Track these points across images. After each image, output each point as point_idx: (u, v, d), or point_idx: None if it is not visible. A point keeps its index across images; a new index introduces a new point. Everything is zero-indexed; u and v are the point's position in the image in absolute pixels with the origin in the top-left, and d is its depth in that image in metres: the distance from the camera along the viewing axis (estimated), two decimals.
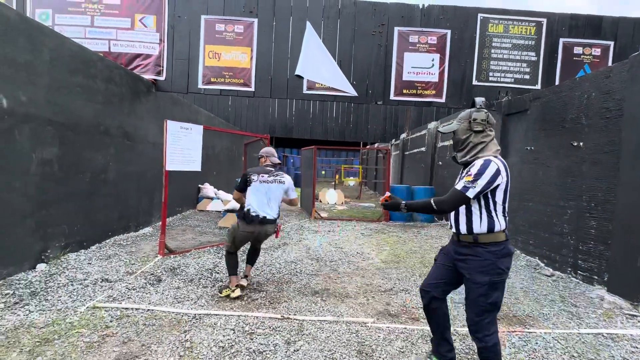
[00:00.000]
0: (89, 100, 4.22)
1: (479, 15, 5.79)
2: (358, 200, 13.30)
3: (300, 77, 5.81)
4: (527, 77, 5.87)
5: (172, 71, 5.81)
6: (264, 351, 2.26)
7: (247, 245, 3.52)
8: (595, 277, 3.73)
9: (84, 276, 3.41)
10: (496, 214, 1.85)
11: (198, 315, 2.72)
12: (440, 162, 8.56)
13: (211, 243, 5.02)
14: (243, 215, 3.14)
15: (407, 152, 11.79)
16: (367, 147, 17.43)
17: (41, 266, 3.50)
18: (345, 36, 5.81)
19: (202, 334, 2.43)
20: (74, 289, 3.07)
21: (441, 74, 5.84)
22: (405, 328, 2.68)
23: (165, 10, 5.76)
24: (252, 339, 2.40)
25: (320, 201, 11.76)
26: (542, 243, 4.59)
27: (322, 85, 5.86)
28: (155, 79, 5.83)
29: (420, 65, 5.83)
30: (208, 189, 8.43)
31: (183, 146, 4.41)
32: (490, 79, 5.88)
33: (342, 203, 11.66)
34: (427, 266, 4.37)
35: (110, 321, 2.54)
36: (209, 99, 12.80)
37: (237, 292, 3.06)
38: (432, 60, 5.82)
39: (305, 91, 5.88)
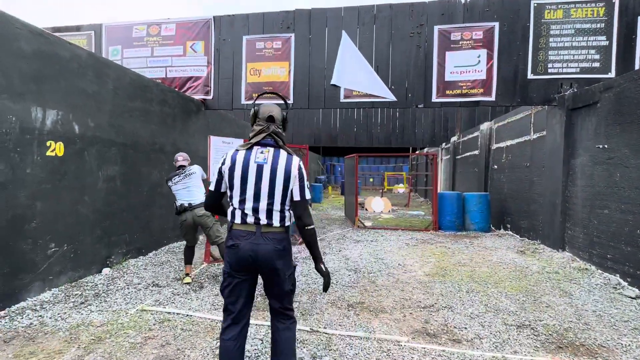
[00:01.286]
0: (146, 122, 4.73)
1: (532, 2, 5.23)
2: (406, 208, 12.75)
3: (336, 87, 5.82)
4: (596, 64, 5.11)
5: (219, 90, 6.26)
6: None
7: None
8: None
9: (139, 280, 3.77)
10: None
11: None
12: (495, 166, 7.82)
13: None
14: (176, 212, 3.78)
15: (458, 156, 11.03)
16: (416, 152, 16.73)
17: (106, 270, 3.96)
18: (382, 41, 5.69)
19: None
20: (129, 292, 3.41)
21: (489, 70, 5.37)
22: (443, 350, 2.44)
23: (212, 36, 6.26)
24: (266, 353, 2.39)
25: (366, 209, 11.53)
26: (624, 258, 3.87)
27: (359, 92, 5.80)
28: (204, 99, 6.33)
29: (464, 63, 5.44)
30: None
31: None
32: (550, 70, 5.24)
33: (389, 211, 11.28)
34: (476, 281, 3.97)
35: (154, 324, 2.74)
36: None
37: (188, 279, 3.75)
38: (478, 56, 5.40)
39: (342, 100, 5.87)
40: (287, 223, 1.77)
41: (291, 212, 1.78)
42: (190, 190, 3.73)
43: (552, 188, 5.30)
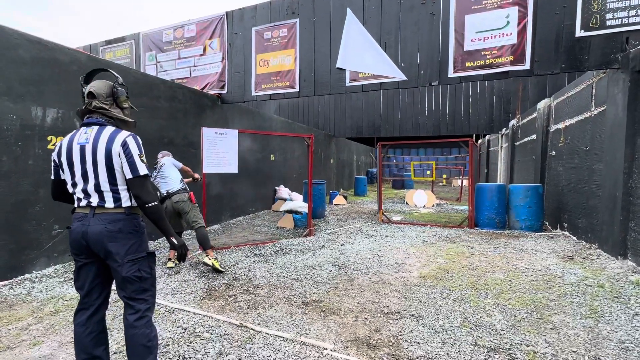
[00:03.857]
0: (153, 117, 5.09)
1: None
2: (457, 202, 11.45)
3: (341, 70, 5.43)
4: None
5: (232, 84, 6.42)
6: (189, 357, 2.13)
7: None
8: None
9: None
10: None
11: (170, 308, 2.82)
12: (553, 152, 6.41)
13: (254, 241, 5.23)
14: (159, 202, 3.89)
15: (517, 143, 9.41)
16: (461, 139, 14.91)
17: None
18: (390, 13, 5.09)
19: (161, 327, 2.50)
20: None
21: (522, 32, 4.36)
22: None
23: (225, 31, 6.44)
24: (190, 342, 2.30)
25: (407, 203, 10.70)
26: None
27: (366, 74, 5.31)
28: (219, 93, 6.58)
29: (488, 27, 4.52)
30: (282, 191, 8.89)
31: (219, 150, 4.77)
32: (609, 23, 4.00)
33: (433, 205, 10.27)
34: (476, 289, 3.28)
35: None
36: (293, 106, 13.64)
37: (170, 264, 3.92)
38: (507, 17, 4.42)
39: (348, 84, 5.45)
40: (126, 203, 1.66)
41: (129, 191, 1.66)
42: (166, 179, 3.95)
43: (612, 177, 4.08)
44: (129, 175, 1.63)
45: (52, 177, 1.75)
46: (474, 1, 4.58)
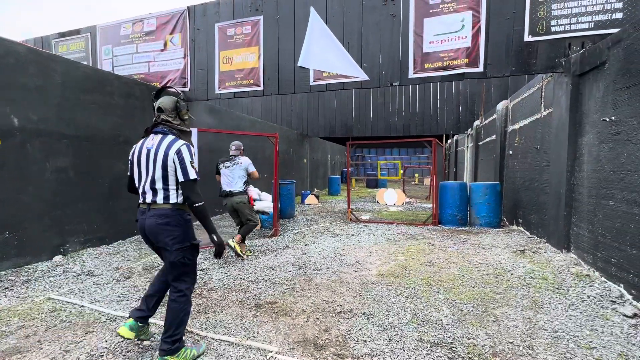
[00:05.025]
0: (106, 115, 4.83)
1: None
2: (427, 200, 11.77)
3: (305, 69, 5.40)
4: (618, 15, 3.99)
5: (195, 81, 6.22)
6: None
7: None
8: None
9: (79, 268, 3.85)
10: None
11: (112, 316, 2.67)
12: (510, 151, 6.72)
13: (209, 244, 5.09)
14: (219, 194, 4.56)
15: (480, 143, 9.80)
16: (425, 139, 15.41)
17: (57, 258, 4.12)
18: (352, 13, 5.12)
19: (98, 336, 2.35)
20: (57, 280, 3.48)
21: (475, 35, 4.52)
22: None
23: (187, 26, 6.23)
24: (128, 351, 2.18)
25: (378, 202, 10.87)
26: (628, 263, 2.96)
27: (329, 73, 5.31)
28: (182, 91, 6.35)
29: (445, 30, 4.65)
30: (252, 191, 8.72)
31: None
32: (554, 29, 4.23)
33: (403, 204, 10.49)
34: (430, 284, 3.36)
35: (42, 313, 2.72)
36: (266, 105, 13.48)
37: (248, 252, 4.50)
38: (462, 20, 4.57)
39: (312, 82, 5.43)
40: (173, 200, 1.98)
41: (179, 190, 1.99)
42: (232, 178, 4.46)
43: (557, 175, 4.32)
44: (181, 179, 1.95)
45: (128, 173, 2.14)
46: (431, 5, 4.70)
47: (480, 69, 4.52)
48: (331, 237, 5.67)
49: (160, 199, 1.96)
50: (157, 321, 2.57)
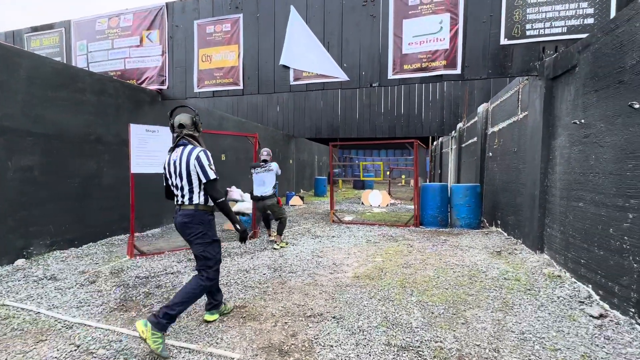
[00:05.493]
0: (77, 112, 4.65)
1: None
2: (412, 201, 11.83)
3: (286, 68, 5.34)
4: (589, 20, 4.07)
5: (173, 79, 6.07)
6: None
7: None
8: None
9: (42, 273, 3.67)
10: None
11: (69, 323, 2.54)
12: (490, 154, 6.80)
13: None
14: (251, 197, 5.31)
15: (463, 145, 9.92)
16: (409, 140, 15.54)
17: (20, 261, 3.93)
18: (332, 13, 5.08)
19: (50, 345, 2.22)
20: (15, 285, 3.30)
21: (453, 38, 4.54)
22: None
23: (165, 23, 6.08)
24: None
25: (363, 203, 10.87)
26: (596, 264, 3.00)
27: (310, 73, 5.26)
28: (160, 89, 6.19)
29: (423, 32, 4.66)
30: (234, 192, 8.58)
31: (150, 149, 4.46)
32: (529, 33, 4.29)
33: (388, 205, 10.52)
34: (404, 287, 3.33)
35: None
36: (251, 105, 13.35)
37: (280, 243, 4.95)
38: (440, 22, 4.59)
39: (292, 82, 5.37)
40: (196, 201, 2.35)
41: (200, 192, 2.35)
42: (264, 183, 4.93)
43: (532, 177, 4.38)
44: (203, 180, 2.32)
45: (164, 183, 2.52)
46: (411, 6, 4.71)
47: (458, 71, 4.54)
48: (311, 238, 5.61)
49: (186, 200, 2.35)
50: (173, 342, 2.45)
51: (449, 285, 3.36)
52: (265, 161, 5.05)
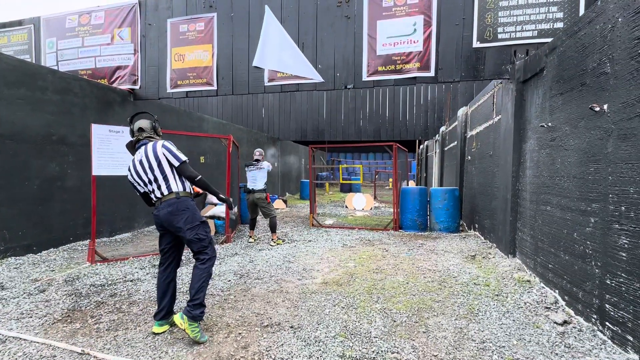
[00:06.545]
0: (35, 111, 4.43)
1: None
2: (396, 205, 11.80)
3: (259, 69, 5.22)
4: (559, 25, 4.09)
5: (146, 79, 5.89)
6: None
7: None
8: (630, 338, 2.11)
9: None
10: None
11: (5, 337, 2.35)
12: (469, 157, 6.80)
13: (154, 252, 4.76)
14: (243, 190, 5.87)
15: (445, 148, 9.95)
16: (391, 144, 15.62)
17: None
18: (307, 13, 5.01)
19: None
20: None
21: (427, 40, 4.51)
22: None
23: (138, 21, 5.91)
24: None
25: (347, 207, 10.79)
26: (562, 269, 2.95)
27: (284, 74, 5.16)
28: (132, 88, 6.00)
29: (398, 33, 4.62)
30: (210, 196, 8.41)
31: (114, 150, 4.27)
32: (500, 36, 4.28)
33: (371, 208, 10.46)
34: (371, 293, 3.23)
35: None
36: (236, 107, 13.17)
37: (251, 240, 5.46)
38: (414, 24, 4.55)
39: (266, 83, 5.26)
40: (175, 189, 2.41)
41: (176, 178, 2.43)
42: (255, 179, 5.32)
43: (505, 180, 4.35)
44: (175, 164, 2.41)
45: (137, 192, 2.57)
46: (385, 7, 4.66)
47: (432, 73, 4.51)
48: (287, 243, 5.47)
49: (164, 190, 2.39)
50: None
51: (417, 292, 3.27)
52: (257, 160, 5.45)
